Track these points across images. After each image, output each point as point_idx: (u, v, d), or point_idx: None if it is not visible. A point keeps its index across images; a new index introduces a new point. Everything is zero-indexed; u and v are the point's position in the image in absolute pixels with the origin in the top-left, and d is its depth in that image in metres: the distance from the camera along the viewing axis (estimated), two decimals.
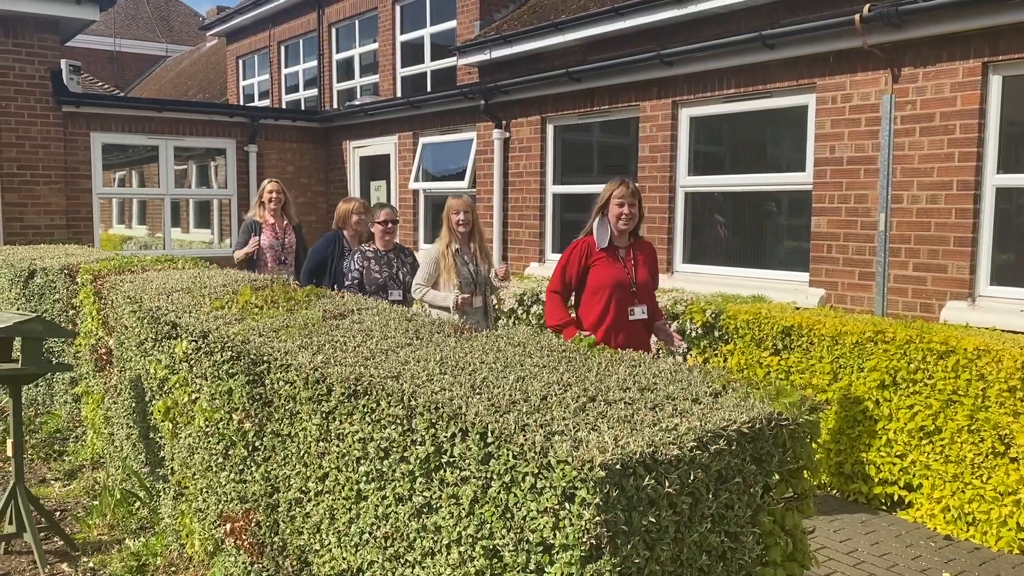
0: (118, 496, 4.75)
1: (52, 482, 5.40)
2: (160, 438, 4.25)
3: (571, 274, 4.70)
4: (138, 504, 4.71)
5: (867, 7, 5.85)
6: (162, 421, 4.07)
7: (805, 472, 2.26)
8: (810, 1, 6.85)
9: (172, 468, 4.12)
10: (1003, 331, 5.03)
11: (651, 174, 7.90)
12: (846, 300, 6.37)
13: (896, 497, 5.01)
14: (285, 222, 7.34)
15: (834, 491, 5.33)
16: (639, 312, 4.68)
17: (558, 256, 9.36)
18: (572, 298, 4.83)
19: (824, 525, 4.83)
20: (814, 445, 2.28)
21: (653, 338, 4.94)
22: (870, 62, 6.16)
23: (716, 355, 5.99)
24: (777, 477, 2.18)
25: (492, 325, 5.66)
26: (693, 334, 6.14)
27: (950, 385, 4.66)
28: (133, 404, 4.59)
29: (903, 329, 4.98)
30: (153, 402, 4.22)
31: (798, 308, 5.99)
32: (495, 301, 7.28)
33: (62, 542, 4.39)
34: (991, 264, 5.68)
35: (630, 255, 4.75)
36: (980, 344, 4.59)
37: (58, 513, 4.86)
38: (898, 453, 4.94)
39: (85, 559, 4.25)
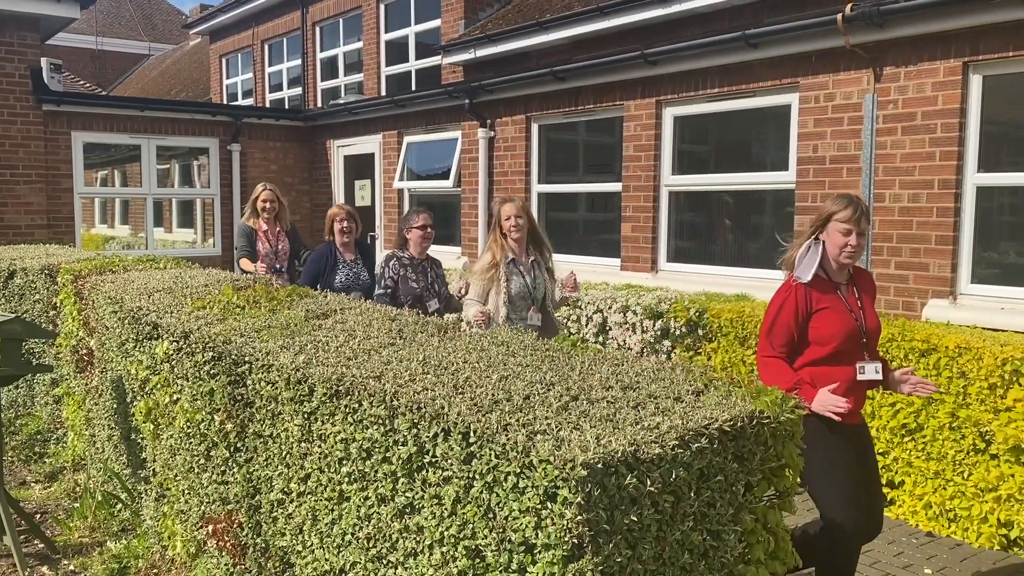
0: (99, 498, 4.71)
1: (32, 484, 5.35)
2: (142, 439, 4.22)
3: (793, 329, 3.51)
4: (120, 506, 4.67)
5: (849, 7, 5.88)
6: (144, 422, 4.04)
7: (787, 470, 2.26)
8: (793, 1, 6.88)
9: (154, 469, 4.09)
10: (984, 329, 5.07)
11: (635, 173, 7.91)
12: None
13: None
14: (279, 228, 7.15)
15: None
16: (871, 371, 3.52)
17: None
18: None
19: (806, 522, 4.84)
20: (796, 443, 2.29)
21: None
22: (852, 61, 6.19)
23: (700, 353, 6.00)
24: (759, 475, 2.18)
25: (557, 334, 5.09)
26: (677, 332, 6.15)
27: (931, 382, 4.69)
28: (114, 405, 4.55)
29: (885, 327, 5.00)
30: (134, 403, 4.19)
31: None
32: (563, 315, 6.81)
33: (42, 545, 4.35)
34: (972, 262, 5.72)
35: (852, 293, 3.61)
36: (961, 342, 4.62)
37: (38, 516, 4.82)
38: (880, 451, 4.97)
39: (66, 562, 4.22)
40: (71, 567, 4.16)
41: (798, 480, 2.33)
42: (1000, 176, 5.63)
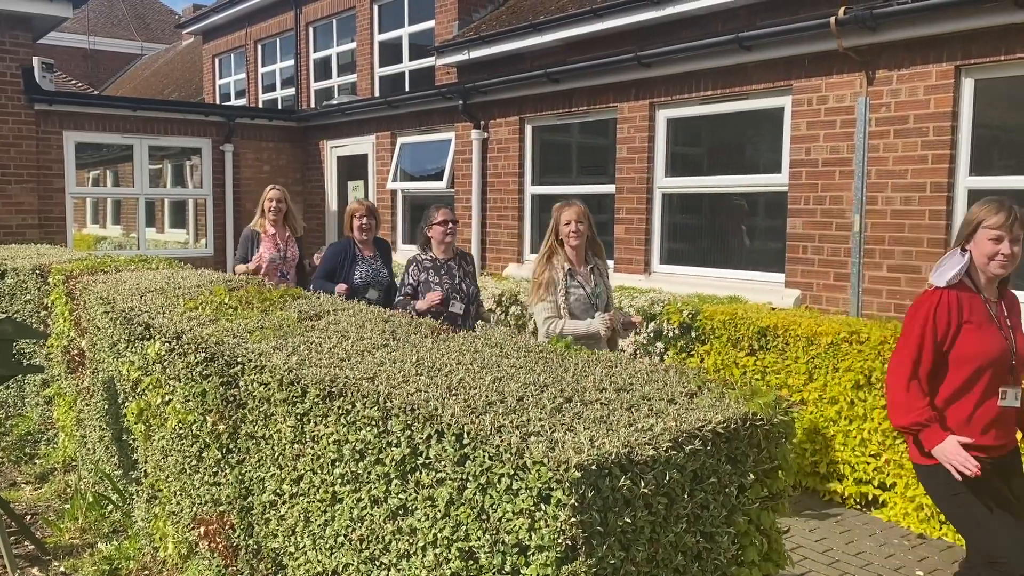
0: (90, 499, 4.69)
1: (23, 485, 5.33)
2: (133, 440, 4.20)
3: (942, 344, 3.11)
4: (111, 507, 4.65)
5: (842, 10, 5.90)
6: (135, 423, 4.03)
7: (780, 472, 2.27)
8: (787, 3, 6.89)
9: (145, 471, 4.08)
10: None
11: (629, 175, 7.92)
12: (821, 301, 6.42)
13: (870, 496, 5.06)
14: (288, 233, 6.67)
15: (809, 491, 5.37)
16: (1012, 397, 3.16)
17: (536, 257, 9.33)
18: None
19: (799, 524, 4.87)
20: (789, 445, 2.29)
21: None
22: (845, 64, 6.21)
23: (693, 355, 6.01)
24: (752, 477, 2.18)
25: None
26: (670, 334, 6.16)
27: None
28: (106, 406, 4.53)
29: (877, 330, 5.02)
30: (126, 404, 4.17)
31: (774, 309, 6.02)
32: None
33: (33, 546, 4.33)
34: None
35: (1003, 311, 3.24)
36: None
37: (29, 517, 4.79)
38: (872, 453, 4.98)
39: (56, 563, 4.20)
40: (62, 568, 4.14)
41: (791, 482, 2.33)
42: (992, 179, 5.65)
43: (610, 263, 8.13)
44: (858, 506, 5.15)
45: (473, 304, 5.28)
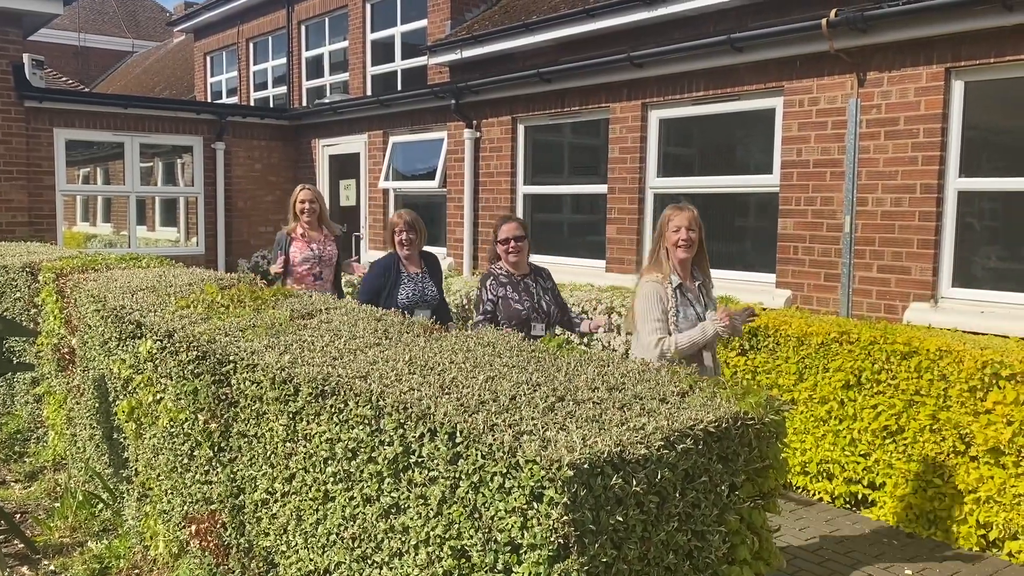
0: (80, 498, 4.67)
1: (12, 484, 5.30)
2: (124, 439, 4.19)
3: None
4: (101, 506, 4.64)
5: (834, 12, 5.92)
6: (126, 422, 4.01)
7: (771, 471, 2.28)
8: (779, 5, 6.92)
9: (136, 469, 4.07)
10: (964, 332, 5.12)
11: (621, 175, 7.93)
12: (812, 301, 6.44)
13: (860, 496, 5.08)
14: (324, 232, 6.34)
15: (800, 490, 5.39)
16: None
17: (531, 258, 9.33)
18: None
19: (790, 524, 4.89)
20: (780, 444, 2.31)
21: None
22: (837, 66, 6.23)
23: None
24: (743, 476, 2.20)
25: (720, 373, 4.26)
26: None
27: (913, 385, 4.74)
28: (96, 404, 4.52)
29: (867, 330, 5.05)
30: (117, 402, 4.16)
31: (764, 309, 6.04)
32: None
33: (22, 545, 4.31)
34: (953, 266, 5.78)
35: None
36: (942, 345, 4.66)
37: (18, 515, 4.77)
38: (862, 452, 5.01)
39: (46, 562, 4.18)
40: (51, 567, 4.13)
41: (782, 480, 2.35)
42: (981, 181, 5.69)
43: (602, 263, 8.16)
44: (848, 505, 5.18)
45: (553, 322, 4.86)
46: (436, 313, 5.38)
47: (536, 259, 8.77)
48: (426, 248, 5.64)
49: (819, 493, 5.29)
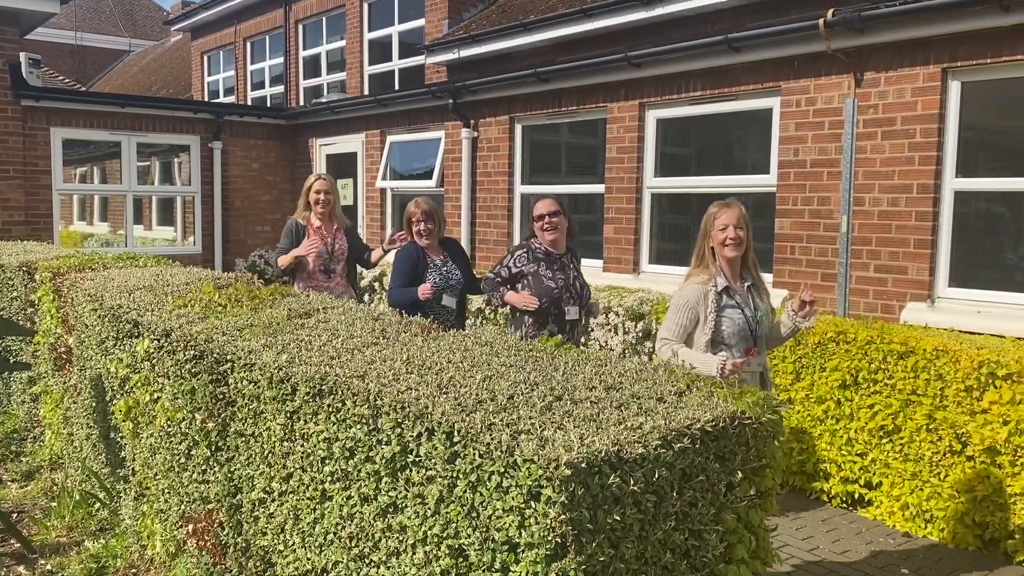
0: (77, 497, 4.67)
1: (8, 483, 5.30)
2: (121, 438, 4.19)
3: None
4: (98, 505, 4.63)
5: (831, 12, 5.93)
6: (123, 421, 4.01)
7: (768, 470, 2.28)
8: (776, 5, 6.92)
9: (133, 468, 4.06)
10: (961, 332, 5.13)
11: (618, 175, 7.94)
12: None
13: (857, 495, 5.09)
14: (335, 226, 6.07)
15: (796, 489, 5.40)
16: None
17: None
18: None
19: (786, 523, 4.89)
20: (777, 444, 2.31)
21: None
22: (834, 66, 6.24)
23: None
24: (740, 475, 2.20)
25: (770, 389, 3.93)
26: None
27: (909, 385, 4.75)
28: (93, 404, 4.51)
29: (864, 330, 5.06)
30: (114, 402, 4.16)
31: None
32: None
33: (19, 544, 4.30)
34: (950, 266, 5.79)
35: None
36: (939, 345, 4.67)
37: (15, 515, 4.77)
38: (859, 452, 5.02)
39: (43, 561, 4.18)
40: (48, 567, 4.12)
41: (779, 480, 2.35)
42: (977, 181, 5.70)
43: (599, 263, 8.16)
44: (844, 505, 5.18)
45: (584, 307, 4.72)
46: (463, 297, 5.27)
47: None
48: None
49: (815, 493, 5.29)
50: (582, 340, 4.96)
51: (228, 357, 3.07)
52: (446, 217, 5.33)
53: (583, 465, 1.85)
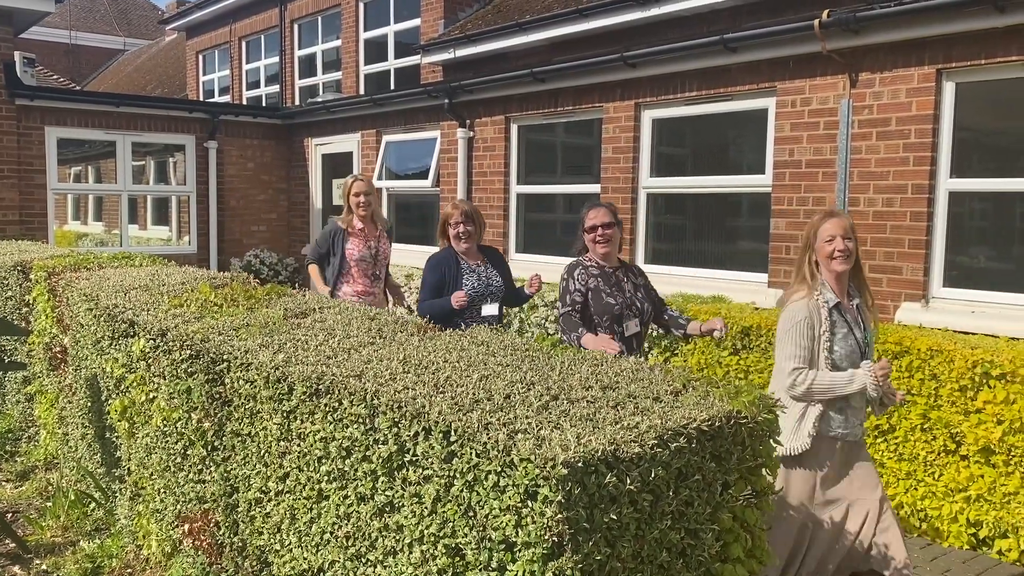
0: (72, 497, 4.66)
1: (3, 483, 5.29)
2: (116, 438, 4.18)
3: None
4: (93, 505, 4.63)
5: (826, 12, 5.94)
6: (119, 421, 4.01)
7: (764, 470, 2.29)
8: (772, 6, 6.94)
9: (129, 468, 4.06)
10: (955, 332, 5.15)
11: (614, 175, 7.95)
12: None
13: None
14: (378, 229, 5.78)
15: None
16: None
17: (523, 256, 9.44)
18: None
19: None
20: (773, 443, 2.32)
21: None
22: (829, 67, 6.26)
23: (677, 355, 6.05)
24: (736, 474, 2.21)
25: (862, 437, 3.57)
26: (655, 334, 6.18)
27: (904, 385, 4.76)
28: (89, 403, 4.51)
29: None
30: (109, 401, 4.15)
31: (757, 309, 6.06)
32: None
33: (13, 544, 4.30)
34: (944, 266, 5.81)
35: None
36: (933, 344, 4.69)
37: (10, 515, 4.76)
38: None
39: (38, 561, 4.17)
40: (43, 567, 4.11)
41: (775, 479, 2.36)
42: (972, 181, 5.72)
43: None
44: None
45: (646, 320, 4.33)
46: (508, 303, 4.95)
47: (529, 259, 8.83)
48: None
49: None
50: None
51: (224, 357, 3.07)
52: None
53: (580, 464, 1.85)
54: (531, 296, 4.93)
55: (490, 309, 4.77)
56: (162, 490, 3.68)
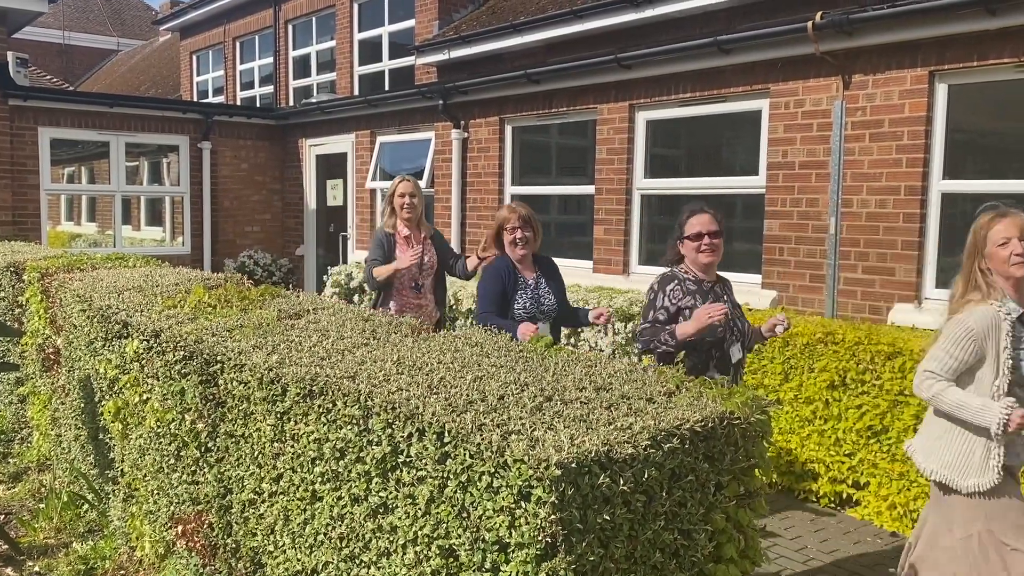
0: (65, 499, 4.65)
1: None
2: (110, 439, 4.17)
3: None
4: (86, 507, 4.62)
5: (820, 14, 5.96)
6: (112, 422, 4.00)
7: (757, 470, 2.30)
8: (765, 8, 6.96)
9: (122, 470, 4.05)
10: None
11: (608, 176, 7.96)
12: (797, 302, 6.48)
13: (845, 495, 5.12)
14: (423, 234, 5.42)
15: (785, 489, 5.42)
16: None
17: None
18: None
19: (775, 523, 4.92)
20: (765, 444, 2.32)
21: None
22: (822, 68, 6.28)
23: None
24: (729, 475, 2.21)
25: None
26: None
27: (897, 385, 4.78)
28: (82, 405, 4.49)
29: (852, 331, 5.08)
30: (103, 403, 4.14)
31: (750, 309, 6.08)
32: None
33: (6, 546, 4.28)
34: (936, 268, 5.83)
35: None
36: (926, 346, 4.69)
37: (2, 516, 4.74)
38: (847, 452, 5.05)
39: (31, 563, 4.16)
40: (36, 568, 4.10)
41: (768, 479, 2.36)
42: (964, 183, 5.74)
43: (589, 263, 8.18)
44: (832, 505, 5.21)
45: (748, 344, 3.89)
46: (555, 326, 4.52)
47: None
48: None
49: (803, 493, 5.32)
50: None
51: (218, 358, 3.07)
52: (436, 218, 4.94)
53: (573, 465, 1.85)
54: (592, 324, 4.42)
55: (542, 331, 4.29)
56: (155, 491, 3.68)
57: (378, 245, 5.34)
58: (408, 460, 2.21)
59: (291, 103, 13.85)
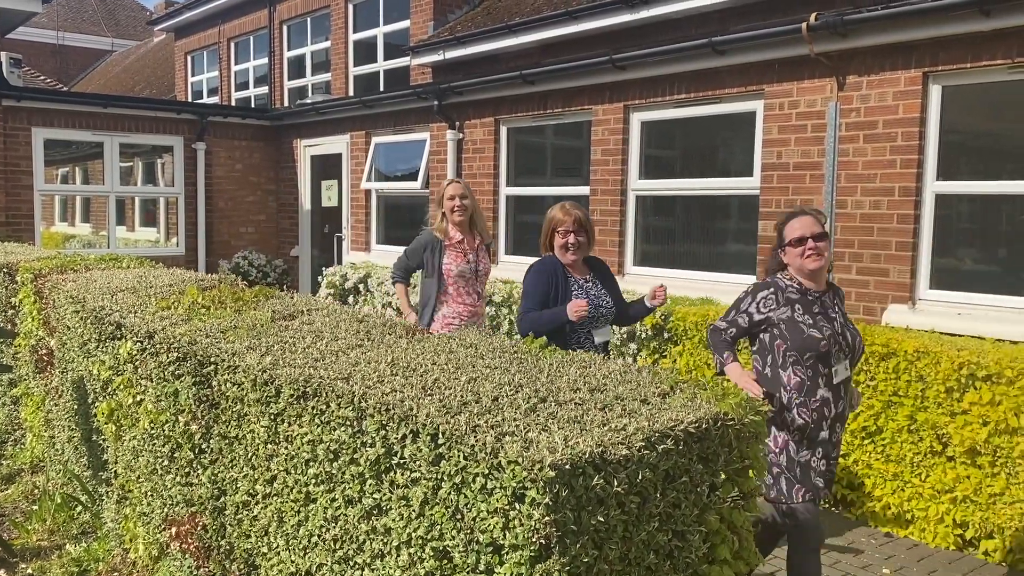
0: (59, 500, 4.63)
1: None
2: (103, 441, 4.16)
3: None
4: (80, 508, 4.60)
5: (814, 16, 5.97)
6: (105, 423, 3.99)
7: (751, 471, 2.30)
8: (760, 9, 6.97)
9: (116, 471, 4.04)
10: (942, 333, 5.17)
11: (603, 177, 7.96)
12: None
13: (839, 496, 5.12)
14: (477, 240, 5.18)
15: None
16: None
17: (512, 257, 9.44)
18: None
19: None
20: (760, 445, 2.32)
21: None
22: (817, 70, 6.29)
23: (666, 356, 6.06)
24: (723, 476, 2.21)
25: None
26: (643, 336, 6.20)
27: (891, 386, 4.79)
28: (75, 406, 4.48)
29: None
30: (96, 404, 4.13)
31: None
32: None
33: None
34: (931, 269, 5.84)
35: None
36: (920, 346, 4.71)
37: None
38: (842, 452, 5.05)
39: (24, 565, 4.14)
40: (29, 570, 4.09)
41: (762, 480, 2.36)
42: (958, 184, 5.75)
43: None
44: (826, 506, 5.22)
45: (856, 361, 3.56)
46: (617, 324, 4.43)
47: (518, 260, 8.83)
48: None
49: None
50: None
51: (212, 359, 3.06)
52: (431, 219, 4.81)
53: (567, 467, 1.85)
54: (652, 310, 4.30)
55: (603, 334, 4.15)
56: (149, 493, 3.67)
57: (418, 250, 5.10)
58: (402, 462, 2.21)
59: (286, 104, 13.83)
